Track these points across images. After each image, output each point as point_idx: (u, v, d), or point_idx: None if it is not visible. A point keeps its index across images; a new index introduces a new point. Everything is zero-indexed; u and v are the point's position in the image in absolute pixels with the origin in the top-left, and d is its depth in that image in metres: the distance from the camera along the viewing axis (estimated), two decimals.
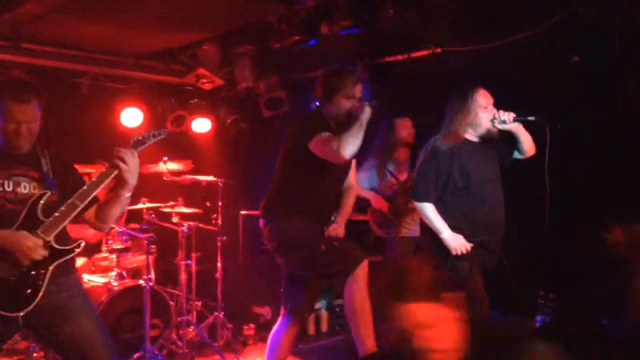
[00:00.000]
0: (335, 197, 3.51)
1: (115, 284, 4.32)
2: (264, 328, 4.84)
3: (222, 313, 4.76)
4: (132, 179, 2.60)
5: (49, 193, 2.63)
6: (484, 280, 3.39)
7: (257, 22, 4.41)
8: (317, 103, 3.45)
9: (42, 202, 2.60)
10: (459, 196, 3.36)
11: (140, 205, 4.69)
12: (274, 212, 3.39)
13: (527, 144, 3.43)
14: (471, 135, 3.43)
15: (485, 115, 3.35)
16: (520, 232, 4.09)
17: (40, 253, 2.52)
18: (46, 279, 2.56)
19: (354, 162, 3.62)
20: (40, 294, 2.54)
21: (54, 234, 2.55)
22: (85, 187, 2.58)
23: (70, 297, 2.68)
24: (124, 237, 4.56)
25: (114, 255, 4.55)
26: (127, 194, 2.66)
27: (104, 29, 4.39)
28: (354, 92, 3.32)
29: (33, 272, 2.54)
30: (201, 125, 5.80)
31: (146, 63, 5.24)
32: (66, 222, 2.57)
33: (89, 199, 2.59)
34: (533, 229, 4.26)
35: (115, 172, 2.57)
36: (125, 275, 4.48)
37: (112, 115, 5.23)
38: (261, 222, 3.45)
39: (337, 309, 5.38)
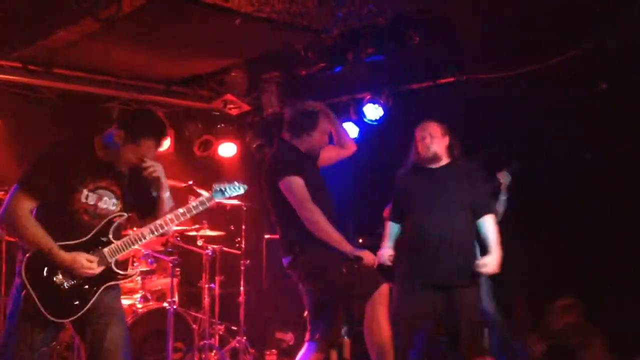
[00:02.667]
0: (334, 213, 3.56)
1: (139, 306, 4.35)
2: (286, 354, 4.82)
3: (245, 337, 4.75)
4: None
5: (125, 216, 2.75)
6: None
7: (284, 49, 4.49)
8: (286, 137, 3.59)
9: (115, 223, 2.71)
10: (407, 216, 3.67)
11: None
12: (296, 244, 3.41)
13: None
14: (418, 163, 3.71)
15: (422, 146, 3.64)
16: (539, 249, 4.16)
17: (97, 272, 2.64)
18: (95, 296, 2.67)
19: None
20: (87, 307, 2.65)
21: (117, 257, 2.69)
22: (159, 221, 2.73)
23: (115, 299, 2.78)
24: (150, 260, 4.61)
25: (139, 278, 4.59)
26: (167, 194, 2.80)
27: (135, 56, 4.51)
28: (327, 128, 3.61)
29: (86, 287, 2.65)
30: (227, 149, 5.87)
31: (175, 89, 5.35)
32: (130, 250, 2.73)
33: (158, 233, 2.73)
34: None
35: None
36: (149, 297, 4.52)
37: None
38: (284, 260, 3.47)
39: (360, 335, 5.33)
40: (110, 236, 2.69)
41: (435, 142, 3.59)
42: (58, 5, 3.53)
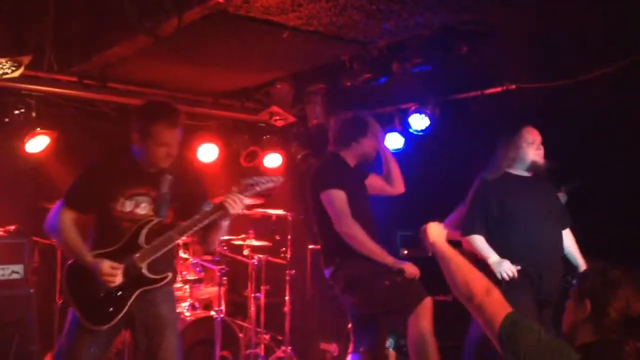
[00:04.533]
0: (373, 225, 3.54)
1: (187, 314, 4.43)
2: None
3: (290, 347, 4.77)
4: (233, 214, 2.71)
5: (155, 220, 2.77)
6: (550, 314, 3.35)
7: (330, 61, 4.52)
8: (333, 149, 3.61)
9: (148, 227, 2.74)
10: (500, 229, 3.41)
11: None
12: (337, 255, 3.42)
13: None
14: (518, 170, 3.51)
15: (531, 150, 3.46)
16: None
17: (116, 281, 2.65)
18: (130, 301, 2.70)
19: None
20: (121, 314, 2.69)
21: (147, 261, 2.70)
22: (187, 222, 2.70)
23: (170, 311, 2.85)
24: (197, 269, 4.69)
25: (187, 286, 4.67)
26: (227, 223, 2.79)
27: (185, 70, 4.62)
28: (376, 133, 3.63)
29: (120, 293, 2.70)
30: (273, 160, 5.94)
31: (223, 102, 5.45)
32: (161, 252, 2.71)
33: (188, 233, 2.71)
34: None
35: (221, 212, 2.68)
36: (197, 306, 4.60)
37: (190, 150, 5.45)
38: (326, 272, 3.48)
39: (405, 349, 5.28)
40: (141, 241, 2.71)
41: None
42: (113, 22, 3.66)
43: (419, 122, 4.97)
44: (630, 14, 3.50)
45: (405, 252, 5.23)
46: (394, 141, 5.24)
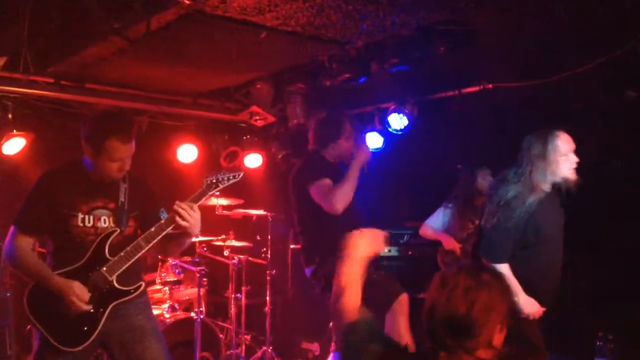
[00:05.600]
0: (360, 222, 3.55)
1: (167, 316, 4.41)
2: None
3: (271, 347, 4.78)
4: (194, 230, 2.66)
5: (117, 231, 2.69)
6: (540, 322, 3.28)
7: (308, 61, 4.52)
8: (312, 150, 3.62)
9: (111, 239, 2.67)
10: (528, 252, 3.10)
11: (193, 239, 4.80)
12: (317, 254, 3.43)
13: None
14: (545, 185, 3.12)
15: (566, 165, 3.08)
16: (577, 270, 3.98)
17: (86, 307, 2.58)
18: (104, 318, 2.62)
19: None
20: (97, 332, 2.61)
21: (117, 273, 2.63)
22: (152, 229, 2.64)
23: (147, 319, 2.77)
24: (177, 270, 4.67)
25: (166, 288, 4.66)
26: (188, 240, 2.76)
27: (164, 70, 4.59)
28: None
29: (92, 310, 2.61)
30: (253, 160, 5.93)
31: (202, 102, 5.43)
32: (130, 262, 2.64)
33: (155, 241, 2.65)
34: (590, 267, 4.13)
35: (175, 224, 2.63)
36: (177, 307, 4.58)
37: (169, 151, 5.43)
38: (307, 271, 3.49)
39: None
40: (107, 253, 2.64)
41: None
42: (88, 23, 3.63)
43: (398, 121, 4.99)
44: (604, 14, 3.55)
45: (387, 250, 5.27)
46: (374, 140, 5.26)
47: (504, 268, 3.02)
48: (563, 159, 3.07)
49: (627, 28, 3.64)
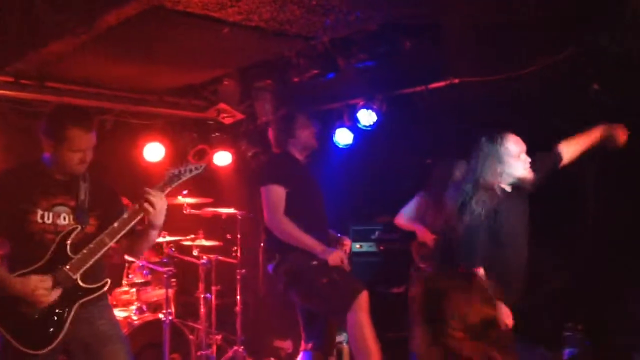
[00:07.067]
0: (324, 220, 3.54)
1: (135, 318, 4.34)
2: None
3: (242, 347, 4.73)
4: (159, 220, 2.63)
5: (78, 229, 2.63)
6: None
7: (275, 57, 4.48)
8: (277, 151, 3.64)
9: (72, 236, 2.60)
10: (491, 252, 3.10)
11: (160, 239, 4.73)
12: (277, 251, 3.42)
13: None
14: (504, 186, 3.18)
15: (519, 165, 3.15)
16: (546, 262, 4.02)
17: (51, 297, 2.51)
18: (70, 318, 2.56)
19: None
20: (63, 332, 2.54)
21: (81, 271, 2.56)
22: (115, 225, 2.59)
23: (109, 324, 2.72)
24: (145, 271, 4.60)
25: (134, 289, 4.58)
26: (155, 232, 2.70)
27: (128, 67, 4.51)
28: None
29: (58, 310, 2.54)
30: (222, 158, 5.87)
31: (169, 99, 5.35)
32: (94, 259, 2.58)
33: (119, 236, 2.60)
34: (559, 258, 4.17)
35: (142, 213, 2.59)
36: (145, 309, 4.51)
37: (136, 150, 5.33)
38: (269, 268, 3.48)
39: None
40: (69, 251, 2.58)
41: None
42: (44, 20, 3.53)
43: (367, 117, 4.98)
44: (570, 6, 3.58)
45: (358, 246, 5.26)
46: (343, 137, 5.24)
47: (480, 273, 3.01)
48: (515, 160, 3.15)
49: (590, 22, 3.68)
